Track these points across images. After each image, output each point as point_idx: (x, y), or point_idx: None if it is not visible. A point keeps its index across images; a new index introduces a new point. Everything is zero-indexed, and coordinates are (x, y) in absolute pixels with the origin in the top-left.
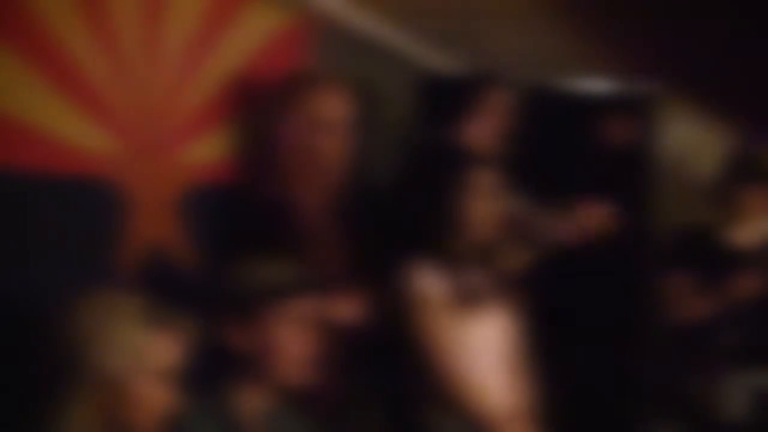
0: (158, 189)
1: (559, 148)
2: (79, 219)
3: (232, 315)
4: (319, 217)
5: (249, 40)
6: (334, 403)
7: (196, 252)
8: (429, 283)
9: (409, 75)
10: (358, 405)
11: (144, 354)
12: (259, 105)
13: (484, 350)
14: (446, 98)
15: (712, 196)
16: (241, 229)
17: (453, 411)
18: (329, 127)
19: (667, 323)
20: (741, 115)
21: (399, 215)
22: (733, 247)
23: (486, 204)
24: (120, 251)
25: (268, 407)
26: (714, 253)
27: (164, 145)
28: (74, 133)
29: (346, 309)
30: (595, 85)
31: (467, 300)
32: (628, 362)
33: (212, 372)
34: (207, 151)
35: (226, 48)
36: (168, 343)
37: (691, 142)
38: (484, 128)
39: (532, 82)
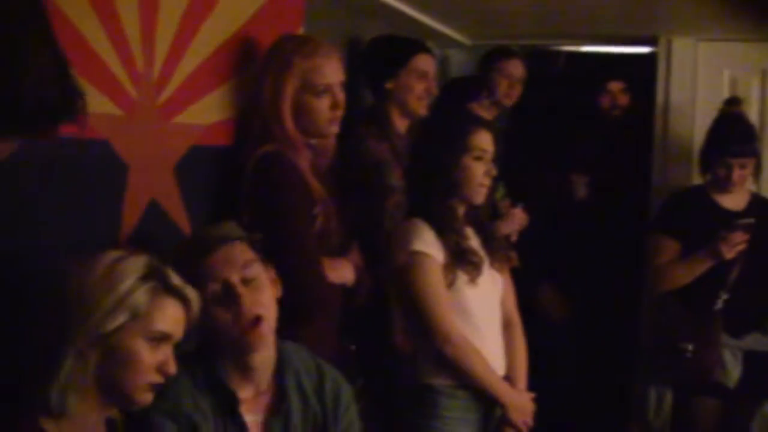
0: (157, 151)
1: (560, 111)
2: (85, 179)
3: None
4: (316, 177)
5: (245, 3)
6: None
7: (189, 214)
8: (429, 244)
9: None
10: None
11: (144, 316)
12: (255, 68)
13: (480, 313)
14: (382, 56)
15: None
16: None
17: (452, 373)
18: (324, 89)
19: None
20: None
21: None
22: (722, 210)
23: (485, 167)
24: (122, 211)
25: None
26: (704, 214)
27: (163, 109)
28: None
29: (343, 271)
30: (595, 48)
31: (465, 262)
32: (625, 323)
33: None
34: (205, 114)
35: (222, 12)
36: (170, 310)
37: (690, 103)
38: (409, 89)
39: (532, 45)
